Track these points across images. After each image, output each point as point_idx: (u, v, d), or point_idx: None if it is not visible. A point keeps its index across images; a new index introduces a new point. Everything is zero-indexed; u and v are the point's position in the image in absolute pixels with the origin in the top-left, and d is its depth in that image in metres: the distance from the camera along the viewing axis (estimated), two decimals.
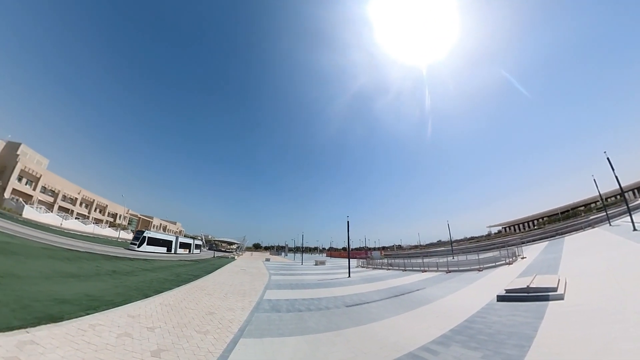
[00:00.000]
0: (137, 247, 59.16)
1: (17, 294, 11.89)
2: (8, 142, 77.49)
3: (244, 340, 10.76)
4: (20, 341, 7.49)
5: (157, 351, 8.72)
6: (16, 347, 7.15)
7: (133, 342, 9.08)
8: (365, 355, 9.84)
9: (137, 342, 9.20)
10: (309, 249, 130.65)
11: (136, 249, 57.37)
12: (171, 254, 69.21)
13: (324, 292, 25.07)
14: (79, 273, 20.48)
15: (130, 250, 53.15)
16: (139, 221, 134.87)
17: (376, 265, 57.05)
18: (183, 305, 15.77)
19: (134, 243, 60.90)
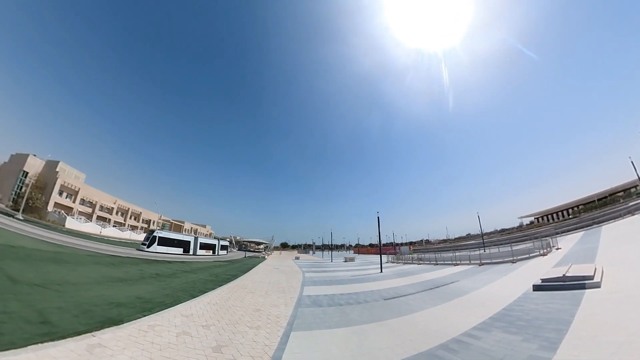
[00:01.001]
0: (146, 247, 55.99)
1: (75, 300, 12.46)
2: (47, 161, 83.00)
3: (295, 334, 11.11)
4: (89, 345, 7.80)
5: (218, 347, 9.03)
6: (86, 350, 7.45)
7: (193, 340, 9.44)
8: (412, 342, 10.17)
9: (196, 339, 9.55)
10: (336, 247, 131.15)
11: (146, 250, 54.68)
12: (190, 256, 64.53)
13: (360, 287, 25.24)
14: (126, 277, 21.39)
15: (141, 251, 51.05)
16: (171, 226, 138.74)
17: (406, 260, 56.61)
18: (229, 303, 16.22)
19: (144, 244, 57.73)
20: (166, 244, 61.65)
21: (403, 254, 67.26)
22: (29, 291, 12.45)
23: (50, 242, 33.46)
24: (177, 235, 72.66)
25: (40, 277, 15.59)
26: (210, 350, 8.70)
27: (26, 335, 7.57)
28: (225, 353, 8.63)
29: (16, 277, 14.39)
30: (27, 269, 16.96)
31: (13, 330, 7.71)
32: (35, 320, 8.83)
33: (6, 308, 9.43)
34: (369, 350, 9.51)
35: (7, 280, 13.35)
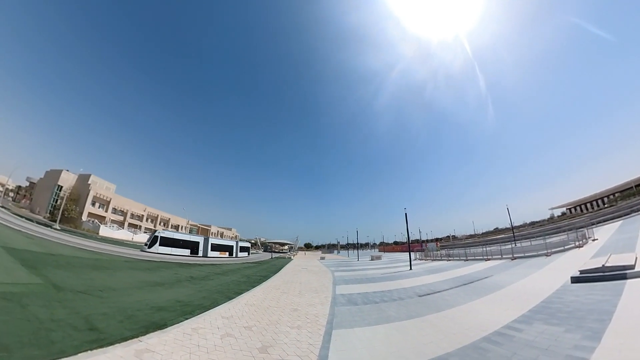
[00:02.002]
0: (147, 248, 53.11)
1: (118, 305, 12.63)
2: (80, 175, 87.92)
3: (336, 332, 11.06)
4: (137, 350, 7.81)
5: (263, 347, 8.98)
6: (135, 356, 7.44)
7: (237, 342, 9.41)
8: (455, 335, 10.15)
9: (241, 341, 9.52)
10: (360, 245, 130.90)
11: (147, 250, 51.80)
12: (198, 257, 60.46)
13: (392, 284, 24.87)
14: (162, 281, 21.83)
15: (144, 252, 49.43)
16: (198, 230, 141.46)
17: (435, 257, 55.77)
18: (266, 304, 16.21)
19: (146, 244, 54.89)
20: (169, 244, 56.98)
21: (430, 251, 66.43)
22: (73, 298, 12.76)
23: (87, 250, 34.58)
24: (183, 235, 68.26)
25: (82, 284, 16.03)
26: (256, 351, 8.66)
27: (75, 342, 7.62)
28: (271, 353, 8.62)
29: (59, 284, 14.76)
30: (69, 276, 17.47)
31: (62, 338, 7.76)
32: (83, 327, 8.94)
33: (53, 315, 9.58)
34: (413, 345, 9.50)
35: (51, 288, 13.70)
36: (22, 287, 12.76)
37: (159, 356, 7.65)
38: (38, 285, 13.86)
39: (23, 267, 16.99)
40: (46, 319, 9.14)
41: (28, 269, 16.78)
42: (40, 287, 13.49)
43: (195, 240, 66.16)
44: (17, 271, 15.89)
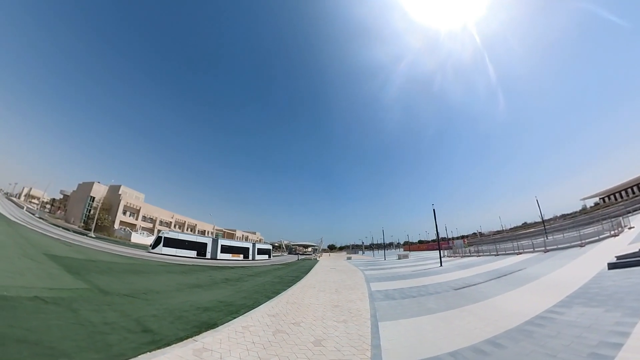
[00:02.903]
0: (151, 248, 52.81)
1: (165, 307, 12.76)
2: (111, 186, 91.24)
3: (382, 324, 11.26)
4: (195, 349, 7.81)
5: (317, 341, 9.18)
6: (194, 355, 7.46)
7: (290, 337, 9.52)
8: (497, 322, 10.47)
9: (293, 336, 9.62)
10: (385, 245, 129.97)
11: (151, 251, 51.35)
12: (207, 259, 57.11)
13: (425, 280, 24.71)
14: (199, 283, 22.09)
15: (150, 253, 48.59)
16: (224, 235, 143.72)
17: (463, 254, 54.87)
18: (306, 302, 16.21)
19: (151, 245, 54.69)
20: (174, 245, 55.15)
21: (458, 248, 65.45)
22: (120, 301, 12.92)
23: (122, 255, 35.56)
24: (189, 236, 65.76)
25: (125, 288, 16.31)
26: (311, 345, 8.87)
27: (133, 344, 7.64)
28: (327, 346, 8.79)
29: (105, 288, 15.03)
30: (112, 281, 17.79)
31: (119, 341, 7.76)
32: (137, 329, 8.97)
33: (106, 319, 9.64)
34: (459, 332, 9.81)
35: (98, 293, 13.95)
36: (70, 292, 13.01)
37: (217, 354, 7.69)
38: (85, 290, 14.13)
39: (68, 273, 17.39)
40: (99, 322, 9.20)
41: (72, 275, 17.17)
42: (87, 292, 13.76)
43: (202, 241, 62.65)
44: (62, 277, 16.26)
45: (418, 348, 8.60)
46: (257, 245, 79.35)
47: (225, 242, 69.49)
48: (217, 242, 64.52)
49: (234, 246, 71.79)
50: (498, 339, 8.77)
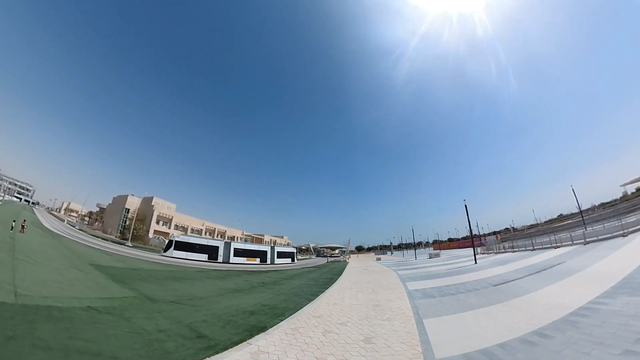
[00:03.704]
0: (163, 252, 53.25)
1: (212, 312, 13.01)
2: (144, 198, 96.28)
3: (427, 320, 11.33)
4: (251, 352, 7.87)
5: (367, 339, 9.30)
6: (252, 358, 7.52)
7: (340, 336, 9.59)
8: (540, 314, 10.43)
9: (343, 335, 9.70)
10: (413, 245, 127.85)
11: (162, 254, 51.90)
12: (219, 263, 55.28)
13: (461, 278, 24.30)
14: (238, 288, 22.35)
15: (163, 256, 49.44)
16: (252, 239, 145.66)
17: (498, 250, 53.14)
18: (346, 302, 16.16)
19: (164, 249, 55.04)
20: (185, 249, 54.46)
21: (491, 244, 63.68)
22: (169, 308, 13.22)
23: (159, 263, 36.77)
24: (200, 239, 63.51)
25: (170, 294, 16.71)
26: (362, 343, 8.94)
27: (191, 351, 7.74)
28: (377, 343, 8.87)
29: (151, 296, 15.45)
30: (156, 288, 18.28)
31: (176, 348, 7.88)
32: (191, 335, 9.09)
33: (159, 326, 9.82)
34: (503, 325, 9.82)
35: (146, 300, 14.30)
36: (120, 301, 13.36)
37: (275, 356, 7.77)
38: (133, 298, 14.50)
39: (114, 282, 17.97)
40: (153, 330, 9.37)
41: (118, 284, 17.74)
42: (135, 300, 14.10)
43: (213, 244, 60.75)
44: (110, 286, 16.77)
45: (466, 341, 8.68)
46: (276, 248, 74.86)
47: (238, 245, 66.93)
48: (229, 245, 62.30)
49: (249, 249, 68.27)
50: (544, 330, 8.84)
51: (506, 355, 7.44)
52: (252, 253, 66.58)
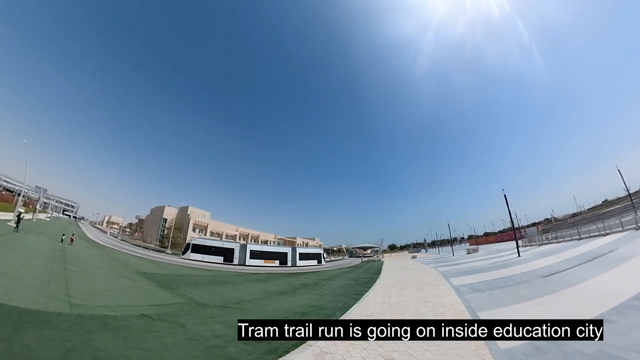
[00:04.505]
0: (181, 254, 54.88)
1: (263, 314, 13.00)
2: (180, 207, 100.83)
3: (482, 313, 11.08)
4: (314, 354, 7.65)
5: None
6: (315, 358, 7.39)
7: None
8: (599, 301, 10.29)
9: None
10: (447, 241, 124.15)
11: (181, 257, 53.02)
12: (234, 265, 54.61)
13: (506, 271, 23.15)
14: (281, 290, 22.13)
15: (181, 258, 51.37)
16: (284, 243, 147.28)
17: (541, 242, 50.21)
18: (394, 300, 15.70)
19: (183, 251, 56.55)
20: (201, 251, 55.22)
21: (533, 236, 60.68)
22: (219, 313, 13.10)
23: (200, 269, 37.37)
24: (216, 242, 63.89)
25: (218, 299, 16.62)
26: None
27: (254, 355, 7.51)
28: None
29: (200, 301, 15.29)
30: (202, 293, 18.24)
31: (239, 354, 7.62)
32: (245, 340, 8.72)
33: (215, 332, 9.62)
34: (564, 314, 9.68)
35: (196, 306, 14.16)
36: (171, 307, 13.27)
37: (339, 356, 7.55)
38: (183, 304, 14.37)
39: (162, 289, 18.08)
40: (210, 335, 9.19)
41: (166, 290, 17.83)
42: (185, 306, 13.98)
43: (229, 246, 59.86)
44: (159, 293, 16.83)
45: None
46: (298, 250, 70.74)
47: (255, 247, 65.19)
48: (245, 248, 60.76)
49: (267, 251, 65.39)
50: (606, 315, 8.73)
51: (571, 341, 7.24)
52: (270, 255, 64.12)
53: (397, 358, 7.41)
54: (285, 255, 66.08)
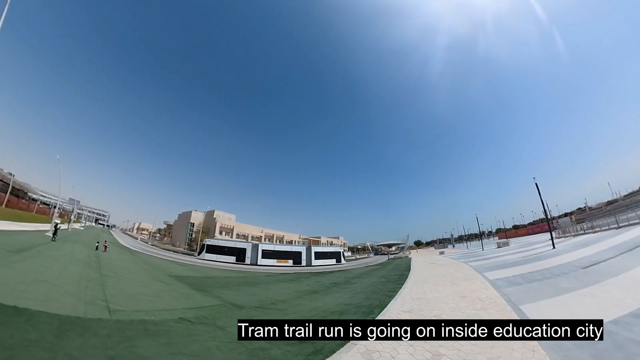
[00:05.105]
0: (197, 255, 56.94)
1: (299, 314, 12.76)
2: (207, 211, 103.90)
3: (524, 306, 10.81)
4: (361, 352, 7.45)
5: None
6: (364, 358, 7.17)
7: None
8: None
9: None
10: (475, 235, 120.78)
11: (196, 257, 55.31)
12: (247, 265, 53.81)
13: (542, 264, 22.13)
14: (313, 289, 21.80)
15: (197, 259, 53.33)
16: (309, 242, 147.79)
17: (576, 232, 47.70)
18: (430, 296, 15.25)
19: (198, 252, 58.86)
20: (215, 251, 56.10)
21: (566, 227, 58.03)
22: (256, 314, 12.95)
23: (229, 270, 37.76)
24: (228, 242, 64.25)
25: (252, 300, 16.52)
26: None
27: (300, 357, 7.31)
28: None
29: (236, 302, 15.13)
30: (236, 294, 18.11)
31: (284, 355, 7.39)
32: (292, 341, 8.17)
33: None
34: (610, 303, 9.51)
35: (233, 307, 13.92)
36: (208, 310, 13.09)
37: (387, 354, 7.27)
38: (219, 306, 14.21)
39: (196, 291, 18.04)
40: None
41: (201, 292, 17.77)
42: (222, 308, 13.77)
43: (240, 246, 59.74)
44: (194, 295, 16.79)
45: None
46: (314, 249, 68.23)
47: (267, 246, 64.07)
48: (257, 247, 59.86)
49: (280, 251, 64.23)
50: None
51: (622, 330, 7.37)
52: (283, 255, 62.78)
53: (445, 353, 7.12)
54: (299, 254, 64.37)
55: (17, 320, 7.09)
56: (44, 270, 14.80)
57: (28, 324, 7.02)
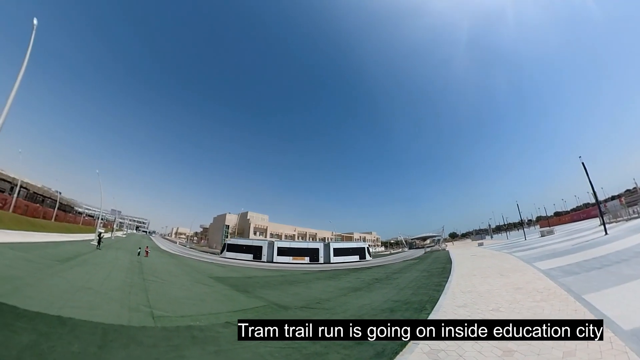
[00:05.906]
0: (220, 254, 59.55)
1: (348, 313, 12.21)
2: (241, 213, 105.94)
3: (588, 296, 10.27)
4: (426, 352, 6.91)
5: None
6: (429, 358, 6.67)
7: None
8: None
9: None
10: (514, 225, 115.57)
11: (220, 255, 58.05)
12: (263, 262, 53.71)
13: (597, 251, 20.76)
14: (355, 286, 21.15)
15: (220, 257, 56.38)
16: (342, 239, 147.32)
17: (629, 216, 44.94)
18: (481, 289, 14.64)
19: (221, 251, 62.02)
20: (235, 250, 57.82)
21: (616, 211, 54.05)
22: (304, 314, 12.46)
23: (267, 269, 37.75)
24: (246, 240, 64.53)
25: (296, 299, 16.06)
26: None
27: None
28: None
29: (280, 303, 14.69)
30: (279, 294, 17.68)
31: (347, 357, 6.88)
32: (350, 344, 7.56)
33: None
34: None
35: (278, 308, 13.51)
36: (254, 312, 12.68)
37: (453, 352, 6.78)
38: (264, 307, 13.76)
39: (238, 292, 17.80)
40: (305, 342, 8.09)
41: (243, 293, 17.51)
42: (267, 309, 13.32)
43: (257, 244, 59.84)
44: (237, 297, 16.50)
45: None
46: (332, 245, 64.86)
47: (282, 243, 63.53)
48: (273, 245, 59.42)
49: (296, 248, 62.96)
50: None
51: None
52: (298, 251, 61.13)
53: (515, 348, 6.58)
54: (317, 251, 61.78)
55: (60, 331, 6.81)
56: (89, 277, 14.95)
57: (71, 334, 6.72)
